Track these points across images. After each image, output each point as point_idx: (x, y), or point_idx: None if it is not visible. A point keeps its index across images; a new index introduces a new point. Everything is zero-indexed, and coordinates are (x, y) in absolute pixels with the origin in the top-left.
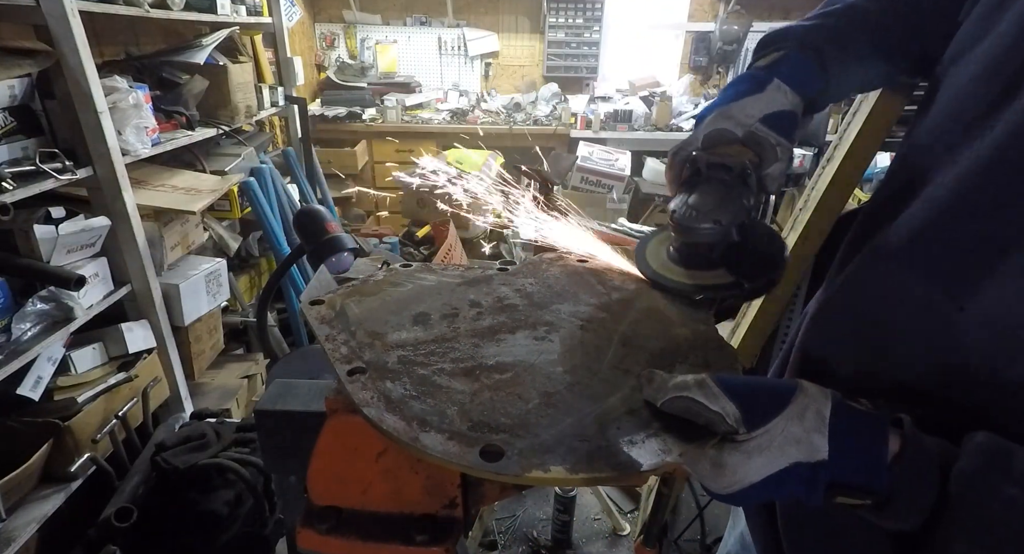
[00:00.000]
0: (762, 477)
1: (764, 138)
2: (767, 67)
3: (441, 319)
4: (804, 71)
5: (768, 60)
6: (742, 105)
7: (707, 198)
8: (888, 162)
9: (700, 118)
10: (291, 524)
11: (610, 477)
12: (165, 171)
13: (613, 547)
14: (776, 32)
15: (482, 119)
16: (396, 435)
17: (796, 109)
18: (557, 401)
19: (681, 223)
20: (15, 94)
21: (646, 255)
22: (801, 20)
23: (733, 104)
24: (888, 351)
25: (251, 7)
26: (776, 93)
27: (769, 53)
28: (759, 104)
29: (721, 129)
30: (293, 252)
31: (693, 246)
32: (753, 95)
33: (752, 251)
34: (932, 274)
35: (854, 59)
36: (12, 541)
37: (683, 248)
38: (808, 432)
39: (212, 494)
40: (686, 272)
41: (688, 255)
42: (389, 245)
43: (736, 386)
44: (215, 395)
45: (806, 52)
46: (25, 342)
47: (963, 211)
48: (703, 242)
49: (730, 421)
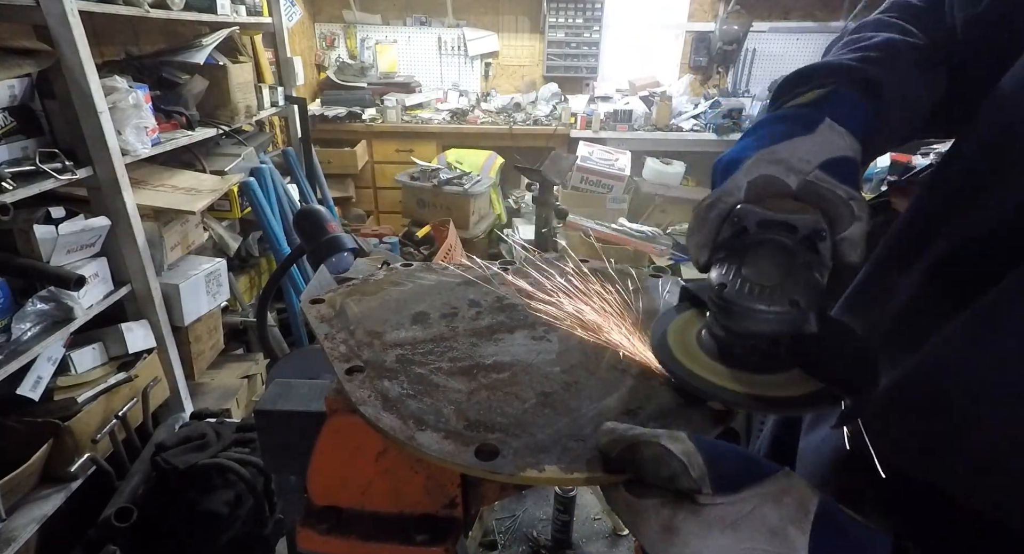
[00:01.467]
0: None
1: (830, 190)
2: (810, 104)
3: (440, 318)
4: (858, 111)
5: (809, 98)
6: (792, 148)
7: (769, 269)
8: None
9: (725, 165)
10: (291, 524)
11: (605, 478)
12: (165, 171)
13: (613, 547)
14: (808, 68)
15: (482, 119)
16: (392, 433)
17: (856, 156)
18: (554, 401)
19: (737, 303)
20: (15, 94)
21: (669, 345)
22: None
23: (779, 146)
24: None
25: (251, 7)
26: (830, 134)
27: (805, 91)
28: (813, 147)
29: (768, 176)
30: (293, 252)
31: (750, 338)
32: (801, 136)
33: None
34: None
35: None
36: (12, 541)
37: (734, 340)
38: (785, 522)
39: (212, 494)
40: (731, 373)
41: (739, 350)
42: (389, 245)
43: (710, 445)
44: (215, 395)
45: (856, 88)
46: (25, 342)
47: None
48: (768, 333)
49: (694, 475)
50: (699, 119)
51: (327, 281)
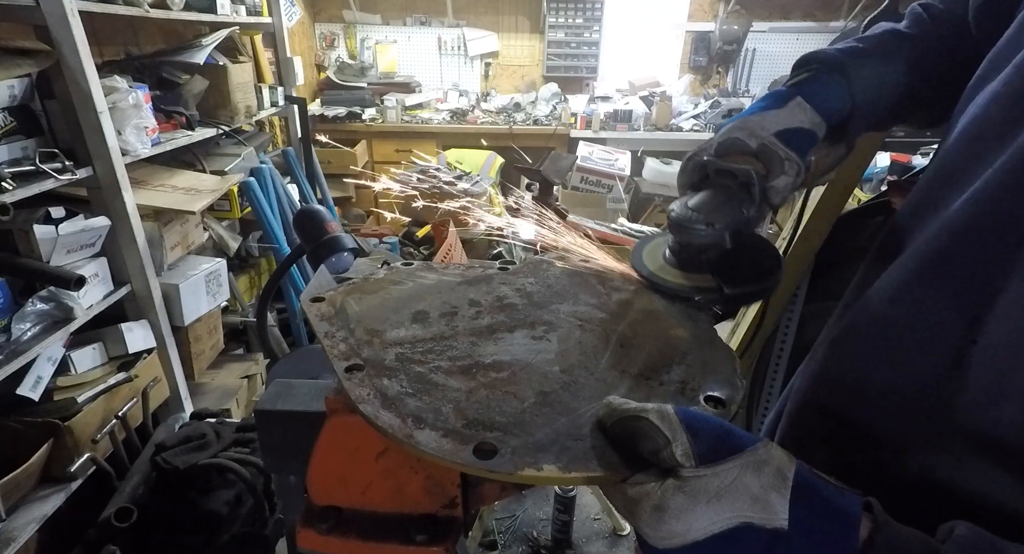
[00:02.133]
0: (708, 535)
1: (774, 151)
2: (792, 85)
3: (440, 317)
4: (830, 92)
5: (796, 80)
6: (760, 118)
7: (707, 201)
8: (889, 162)
9: (719, 129)
10: (291, 524)
11: (603, 476)
12: (165, 171)
13: (613, 547)
14: (809, 53)
15: (482, 119)
16: (391, 432)
17: (815, 129)
18: (553, 400)
19: (676, 222)
20: (15, 94)
21: (643, 255)
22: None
23: (752, 117)
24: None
25: (251, 7)
26: (796, 110)
27: (799, 73)
28: (777, 119)
29: (735, 138)
30: (293, 252)
31: (687, 247)
32: (773, 110)
33: (744, 261)
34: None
35: (886, 83)
36: (12, 541)
37: (677, 248)
38: (765, 489)
39: (212, 494)
40: (680, 273)
41: (682, 256)
42: (389, 245)
43: (694, 420)
44: (215, 395)
45: (833, 74)
46: (25, 342)
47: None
48: (695, 243)
49: (677, 451)
50: (699, 119)
51: (327, 281)
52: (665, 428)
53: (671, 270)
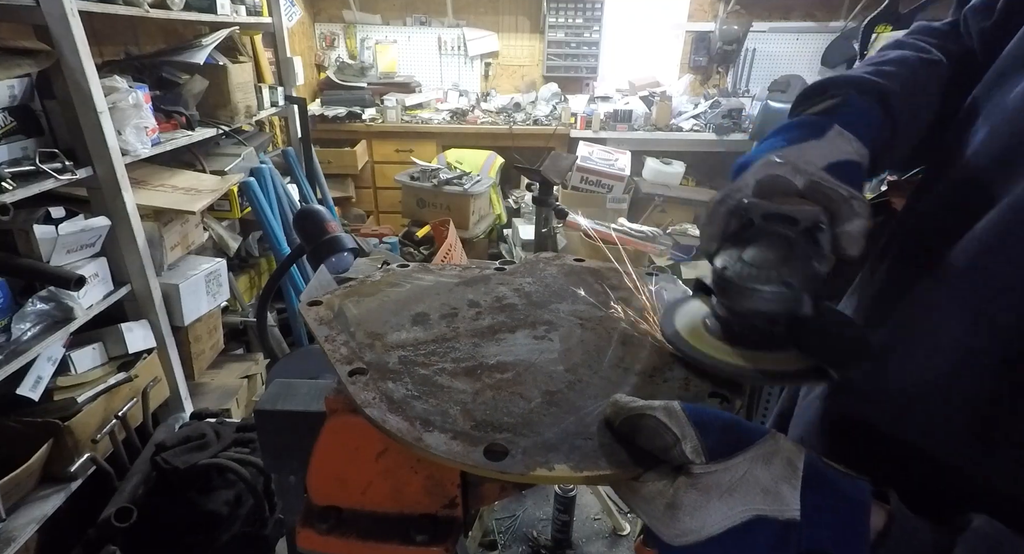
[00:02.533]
0: (723, 529)
1: (833, 189)
2: (823, 112)
3: (440, 319)
4: (868, 118)
5: (823, 107)
6: (799, 151)
7: (769, 254)
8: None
9: (740, 166)
10: (291, 524)
11: (614, 475)
12: (165, 171)
13: (613, 547)
14: (825, 80)
15: (482, 119)
16: (400, 435)
17: (863, 161)
18: (559, 400)
19: (736, 283)
20: (15, 94)
21: (675, 322)
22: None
23: (789, 149)
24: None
25: (251, 7)
26: (838, 140)
27: (820, 101)
28: (820, 151)
29: (775, 175)
30: (293, 252)
31: (748, 316)
32: (813, 141)
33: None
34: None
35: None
36: (12, 541)
37: (733, 319)
38: (776, 481)
39: (212, 494)
40: (733, 351)
41: (738, 328)
42: (389, 245)
43: (702, 416)
44: (215, 395)
45: (867, 97)
46: (25, 342)
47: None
48: (764, 311)
49: (687, 447)
50: (699, 119)
51: (327, 281)
52: (673, 425)
53: (722, 347)
